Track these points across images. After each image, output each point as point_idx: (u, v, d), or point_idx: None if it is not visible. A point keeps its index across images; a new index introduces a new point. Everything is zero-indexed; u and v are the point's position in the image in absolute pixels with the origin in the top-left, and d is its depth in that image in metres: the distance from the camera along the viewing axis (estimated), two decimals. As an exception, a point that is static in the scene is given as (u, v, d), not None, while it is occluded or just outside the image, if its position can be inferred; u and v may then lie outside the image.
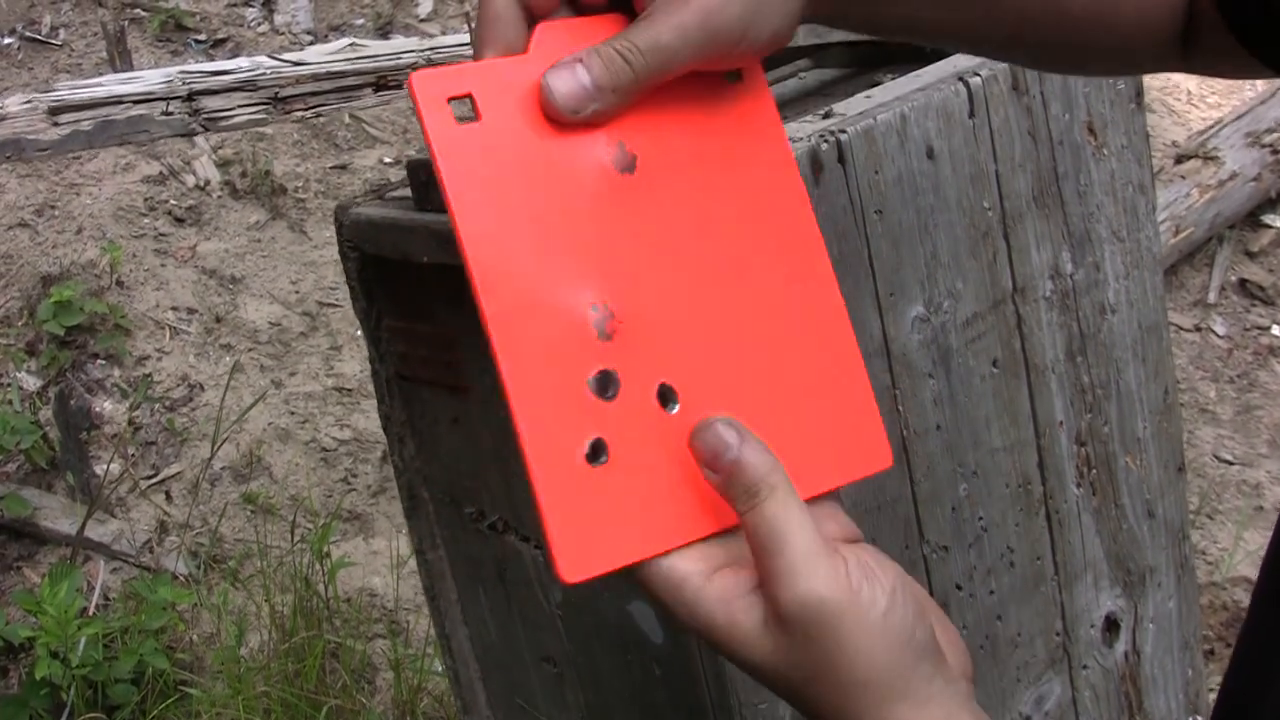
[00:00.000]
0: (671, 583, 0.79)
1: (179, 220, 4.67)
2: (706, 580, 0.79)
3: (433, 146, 0.79)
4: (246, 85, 1.42)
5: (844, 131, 1.22)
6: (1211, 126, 5.18)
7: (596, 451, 0.80)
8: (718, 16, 0.80)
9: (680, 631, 0.80)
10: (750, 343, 0.85)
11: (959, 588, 1.40)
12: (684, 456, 0.81)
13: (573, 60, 0.81)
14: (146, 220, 4.62)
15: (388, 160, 5.14)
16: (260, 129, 4.64)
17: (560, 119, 0.81)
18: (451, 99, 0.81)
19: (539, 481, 0.78)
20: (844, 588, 0.76)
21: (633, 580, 0.82)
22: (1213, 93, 5.92)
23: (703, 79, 0.85)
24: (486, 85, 0.81)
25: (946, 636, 0.84)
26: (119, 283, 4.36)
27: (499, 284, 0.80)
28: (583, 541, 0.79)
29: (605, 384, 0.81)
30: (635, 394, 0.81)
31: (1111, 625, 1.59)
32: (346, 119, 5.19)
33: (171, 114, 1.38)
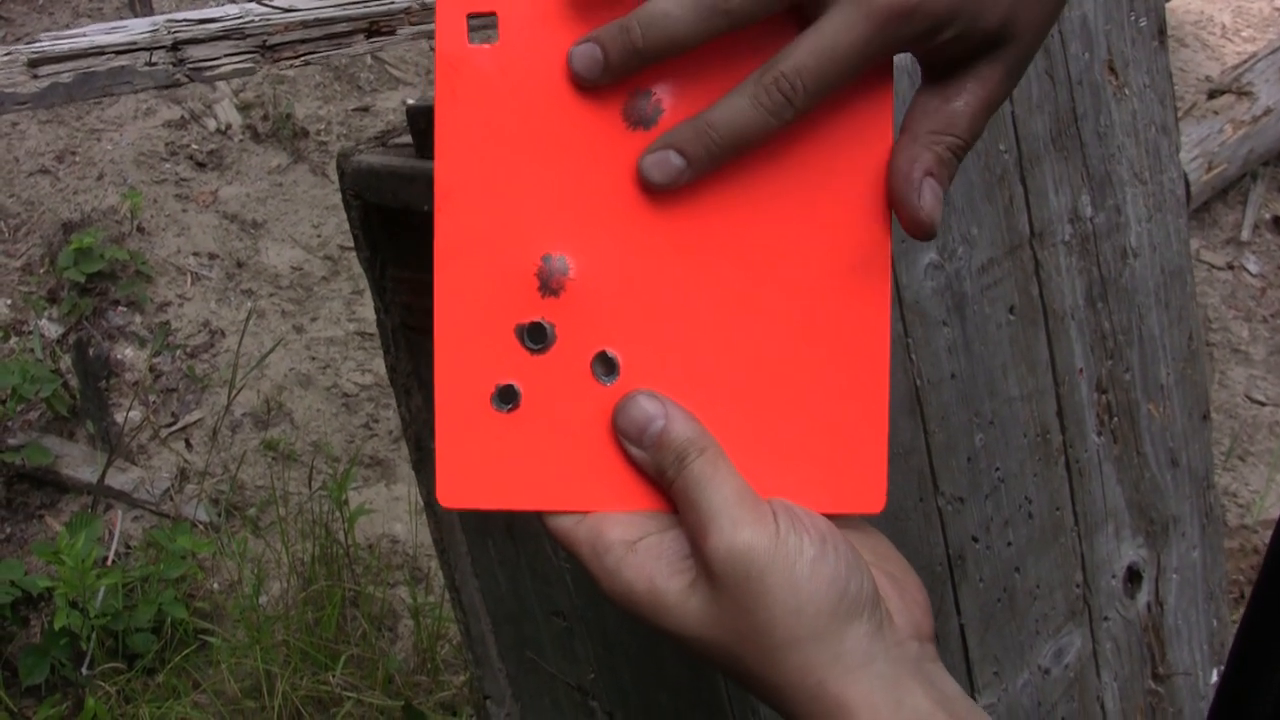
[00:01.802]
0: (595, 549, 0.78)
1: (200, 165, 4.66)
2: (629, 550, 0.77)
3: (437, 61, 0.79)
4: (234, 33, 1.39)
5: (852, 73, 1.19)
6: (1246, 61, 5.11)
7: (505, 396, 0.80)
8: None
9: (606, 600, 0.78)
10: (743, 340, 0.81)
11: (975, 540, 1.37)
12: (611, 428, 0.80)
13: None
14: (167, 165, 4.61)
15: (411, 101, 5.11)
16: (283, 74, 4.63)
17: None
18: (474, 14, 0.79)
19: (440, 405, 0.80)
20: (770, 534, 0.74)
21: (556, 542, 0.82)
22: (1248, 26, 5.84)
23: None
24: (515, 6, 0.79)
25: (902, 594, 0.81)
26: (140, 229, 4.35)
27: (459, 210, 0.79)
28: (470, 473, 0.81)
29: (537, 335, 0.80)
30: (568, 353, 0.80)
31: (1133, 576, 1.56)
32: (369, 60, 5.16)
33: (155, 64, 1.35)
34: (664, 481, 0.78)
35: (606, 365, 0.80)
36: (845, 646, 0.73)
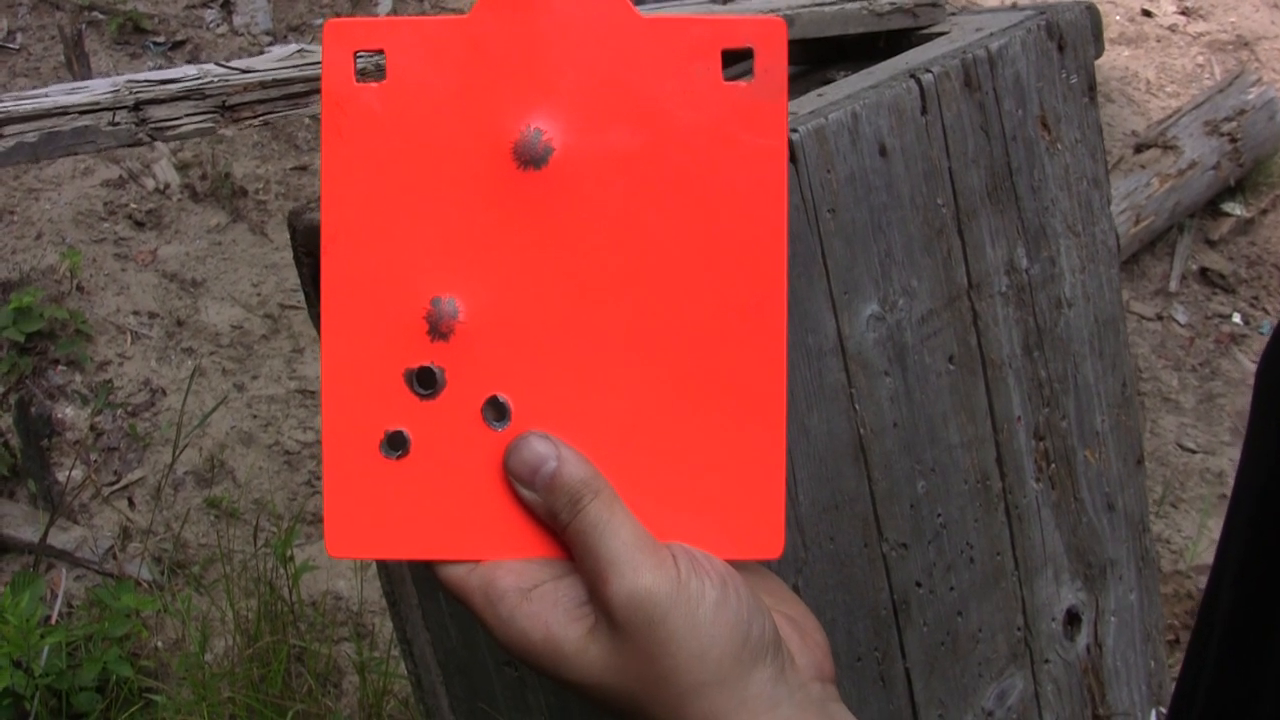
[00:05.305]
0: (489, 598, 0.77)
1: (139, 224, 4.64)
2: (523, 598, 0.76)
3: (324, 100, 0.77)
4: (194, 94, 1.40)
5: (795, 131, 1.21)
6: (1170, 116, 5.19)
7: (394, 443, 0.78)
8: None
9: (505, 654, 0.77)
10: (637, 384, 0.79)
11: (919, 585, 1.40)
12: (502, 474, 0.79)
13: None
14: (106, 225, 4.59)
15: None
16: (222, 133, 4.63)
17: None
18: (362, 52, 0.78)
19: (328, 453, 0.78)
20: (671, 579, 0.73)
21: (447, 594, 0.80)
22: (1171, 82, 5.93)
23: (698, 70, 0.77)
24: (404, 43, 0.77)
25: (803, 636, 0.80)
26: (79, 288, 4.33)
27: (346, 252, 0.78)
28: (359, 522, 0.79)
29: (427, 380, 0.78)
30: (459, 399, 0.78)
31: (1073, 619, 1.59)
32: (307, 120, 5.17)
33: (118, 124, 1.37)
34: (558, 526, 0.76)
35: (498, 410, 0.78)
36: (750, 691, 0.73)
